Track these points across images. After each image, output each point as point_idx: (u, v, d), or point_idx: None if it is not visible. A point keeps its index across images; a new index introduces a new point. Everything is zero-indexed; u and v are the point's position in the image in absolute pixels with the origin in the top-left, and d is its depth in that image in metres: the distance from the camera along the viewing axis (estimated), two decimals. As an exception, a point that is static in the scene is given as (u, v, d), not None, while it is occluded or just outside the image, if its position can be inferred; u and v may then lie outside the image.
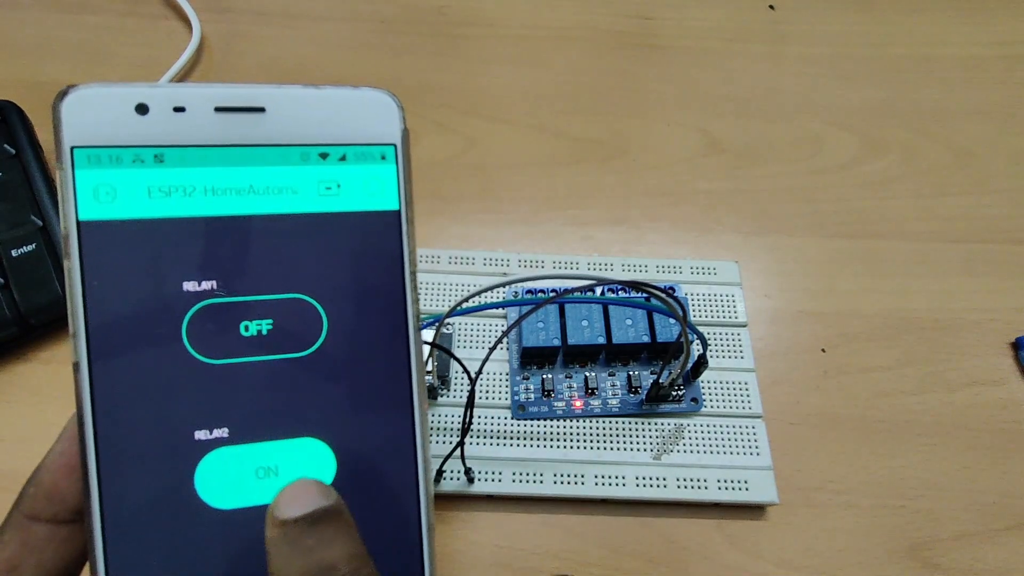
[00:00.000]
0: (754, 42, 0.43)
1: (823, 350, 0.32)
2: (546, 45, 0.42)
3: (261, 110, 0.17)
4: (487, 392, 0.30)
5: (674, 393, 0.29)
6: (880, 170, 0.38)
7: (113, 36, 0.40)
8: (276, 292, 0.17)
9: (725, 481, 0.28)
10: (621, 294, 0.31)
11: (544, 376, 0.30)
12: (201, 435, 0.16)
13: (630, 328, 0.29)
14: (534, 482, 0.28)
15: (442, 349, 0.24)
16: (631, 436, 0.29)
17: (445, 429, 0.29)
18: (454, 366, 0.30)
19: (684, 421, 0.29)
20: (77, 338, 0.16)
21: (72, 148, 0.16)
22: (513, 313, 0.31)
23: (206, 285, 0.17)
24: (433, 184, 0.36)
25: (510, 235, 0.35)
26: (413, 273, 0.18)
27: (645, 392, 0.29)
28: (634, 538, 0.27)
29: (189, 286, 0.17)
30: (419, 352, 0.18)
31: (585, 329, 0.29)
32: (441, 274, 0.32)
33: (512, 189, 0.36)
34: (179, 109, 0.17)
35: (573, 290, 0.30)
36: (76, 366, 0.16)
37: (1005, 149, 0.39)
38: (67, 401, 0.29)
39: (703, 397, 0.30)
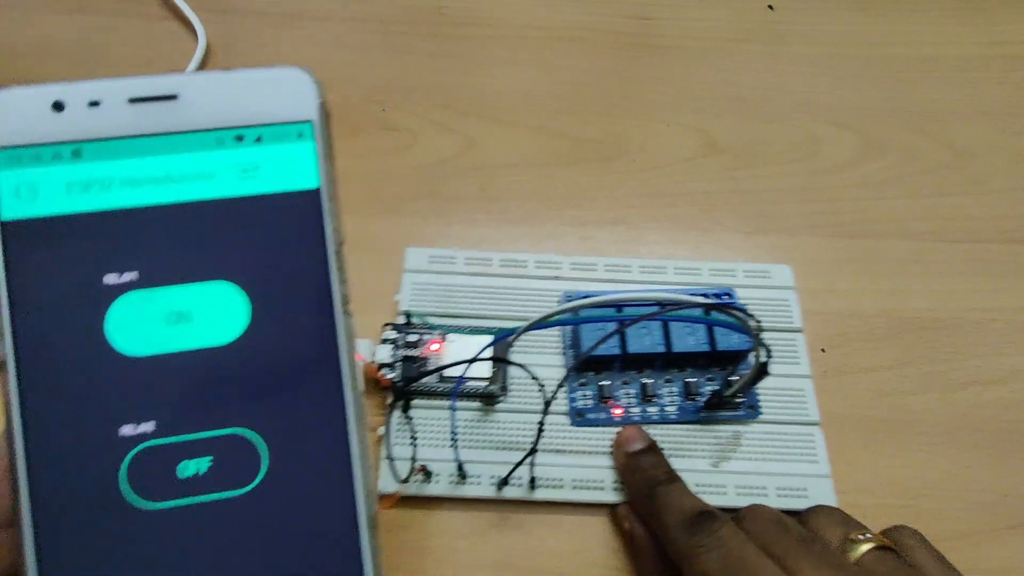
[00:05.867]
0: (754, 42, 0.43)
1: (823, 350, 0.32)
2: (546, 45, 0.42)
3: (173, 98, 0.17)
4: (543, 398, 0.29)
5: (733, 401, 0.29)
6: (880, 170, 0.38)
7: (112, 37, 0.40)
8: (198, 279, 0.17)
9: (784, 488, 0.28)
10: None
11: (601, 383, 0.30)
12: (127, 431, 0.16)
13: (689, 337, 0.29)
14: (595, 488, 0.28)
15: (518, 365, 0.24)
16: (689, 444, 0.29)
17: (505, 436, 0.29)
18: (511, 372, 0.30)
19: (741, 429, 0.29)
20: (3, 336, 0.16)
21: None
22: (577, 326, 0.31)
23: (128, 277, 0.17)
24: (433, 184, 0.36)
25: (510, 235, 0.35)
26: (338, 252, 0.17)
27: (703, 400, 0.29)
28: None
29: (110, 279, 0.17)
30: (348, 332, 0.17)
31: (645, 337, 0.29)
32: (493, 277, 0.32)
33: (512, 189, 0.36)
34: (94, 103, 0.17)
35: (640, 312, 0.28)
36: (2, 365, 0.16)
37: (1005, 149, 0.39)
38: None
39: (760, 405, 0.30)
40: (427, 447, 0.28)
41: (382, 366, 0.29)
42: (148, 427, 0.16)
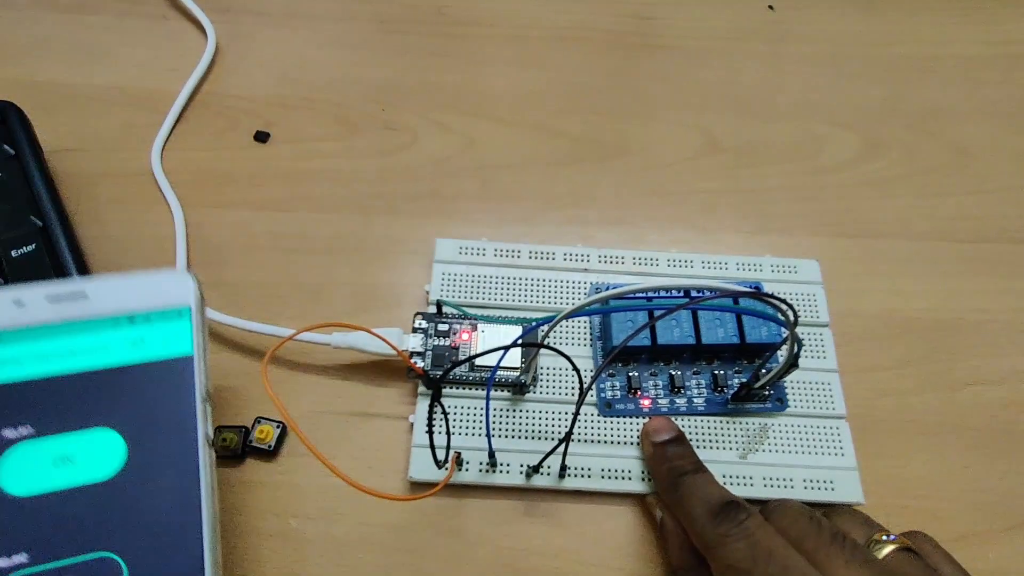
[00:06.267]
0: (754, 42, 0.43)
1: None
2: (546, 45, 0.42)
3: (84, 296, 0.22)
4: (571, 389, 0.30)
5: (761, 393, 0.29)
6: (880, 170, 0.38)
7: (113, 36, 0.40)
8: (84, 427, 0.21)
9: (811, 481, 0.28)
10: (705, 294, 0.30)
11: (630, 374, 0.30)
12: (1, 564, 0.19)
13: (719, 329, 0.29)
14: (623, 478, 0.28)
15: (563, 355, 0.24)
16: (717, 435, 0.29)
17: (534, 426, 0.29)
18: (541, 362, 0.30)
19: (769, 421, 0.29)
20: None
21: None
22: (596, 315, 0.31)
23: (22, 431, 0.21)
24: (433, 184, 0.36)
25: (510, 234, 0.35)
26: (204, 400, 0.22)
27: (731, 392, 0.29)
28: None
29: (7, 433, 0.20)
30: (209, 462, 0.21)
31: (674, 329, 0.29)
32: (522, 269, 0.32)
33: (512, 189, 0.36)
34: (18, 303, 0.22)
35: (669, 303, 0.28)
36: None
37: (1005, 149, 0.39)
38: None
39: (787, 397, 0.30)
40: (455, 435, 0.28)
41: (413, 354, 0.29)
42: (22, 558, 0.19)
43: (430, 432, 0.24)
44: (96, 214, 0.34)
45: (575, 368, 0.23)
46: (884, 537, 0.23)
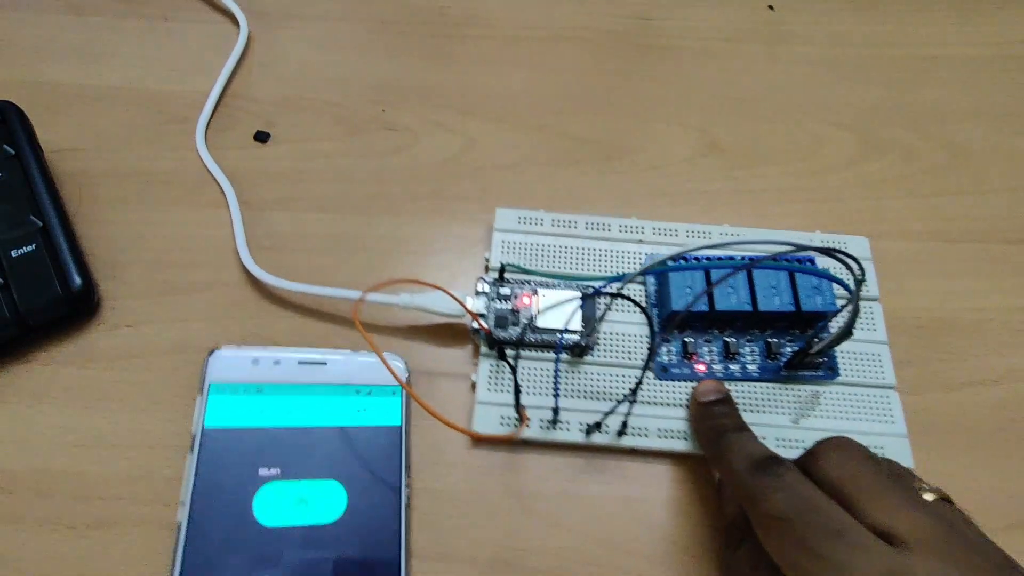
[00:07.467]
0: (754, 42, 0.43)
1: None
2: (546, 45, 0.42)
3: (324, 363, 0.28)
4: (627, 353, 0.31)
5: (815, 361, 0.30)
6: (880, 170, 0.38)
7: (114, 36, 0.40)
8: (317, 477, 0.26)
9: None
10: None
11: (686, 339, 0.30)
12: None
13: (775, 297, 0.30)
14: (679, 438, 0.29)
15: (635, 304, 0.25)
16: (770, 400, 0.30)
17: (592, 387, 0.30)
18: (600, 326, 0.31)
19: (820, 389, 0.30)
20: (184, 505, 0.25)
21: (210, 383, 0.27)
22: (650, 279, 0.32)
23: (273, 471, 0.26)
24: (433, 184, 0.36)
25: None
26: (408, 466, 0.27)
27: (784, 359, 0.30)
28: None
29: (262, 472, 0.26)
30: (406, 515, 0.26)
31: (731, 296, 0.30)
32: (578, 239, 0.33)
33: (512, 189, 0.36)
34: (276, 363, 0.28)
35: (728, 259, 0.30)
36: (179, 526, 0.24)
37: (1004, 149, 0.39)
38: (66, 402, 0.29)
39: (838, 366, 0.31)
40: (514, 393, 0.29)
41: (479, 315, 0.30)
42: None
43: (516, 389, 0.27)
44: (96, 214, 0.34)
45: (649, 320, 0.25)
46: (925, 485, 0.23)
